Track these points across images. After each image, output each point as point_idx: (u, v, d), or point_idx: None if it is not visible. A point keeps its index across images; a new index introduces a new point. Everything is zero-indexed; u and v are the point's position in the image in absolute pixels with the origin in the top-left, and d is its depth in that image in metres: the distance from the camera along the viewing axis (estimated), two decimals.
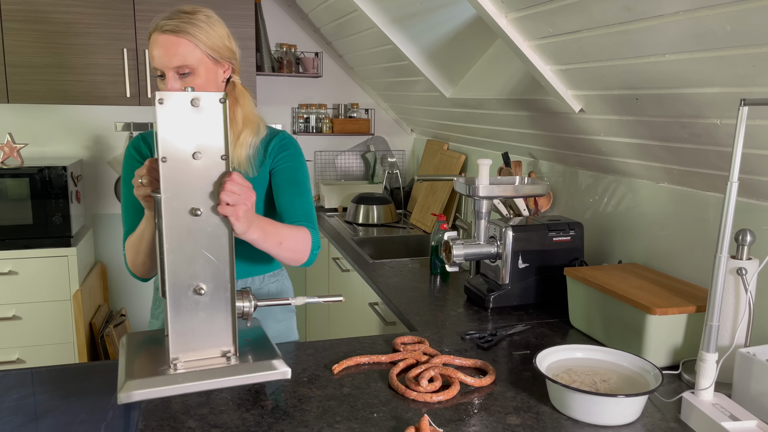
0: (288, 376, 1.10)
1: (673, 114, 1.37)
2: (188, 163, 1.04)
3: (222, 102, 1.05)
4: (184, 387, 1.03)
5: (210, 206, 1.07)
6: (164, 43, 1.31)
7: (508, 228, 1.74)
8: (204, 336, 1.09)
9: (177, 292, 1.06)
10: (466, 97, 2.32)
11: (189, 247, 1.06)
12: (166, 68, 1.31)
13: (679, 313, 1.33)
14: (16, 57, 2.63)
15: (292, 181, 1.47)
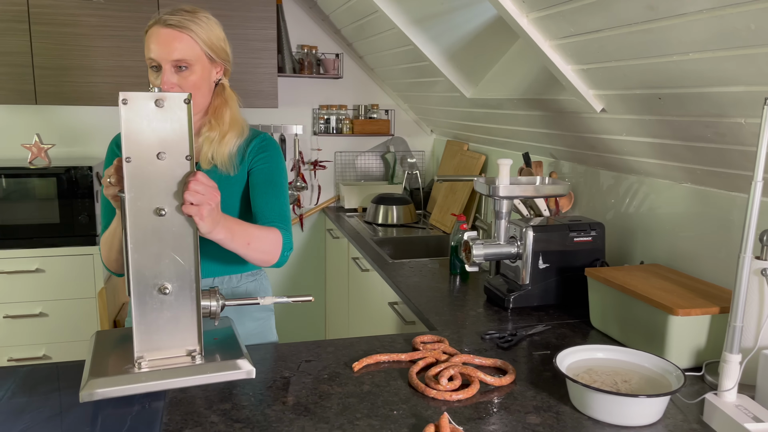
0: (252, 376, 1.11)
1: (697, 113, 1.36)
2: (153, 163, 1.05)
3: (186, 103, 1.06)
4: (146, 386, 1.04)
5: (175, 206, 1.08)
6: (166, 36, 1.35)
7: (528, 228, 1.74)
8: (169, 335, 1.10)
9: (142, 291, 1.07)
10: (486, 98, 2.32)
11: (154, 246, 1.07)
12: (164, 61, 1.35)
13: (702, 314, 1.32)
14: (44, 59, 2.69)
15: (269, 182, 1.48)
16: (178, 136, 1.06)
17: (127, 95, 1.03)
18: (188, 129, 1.06)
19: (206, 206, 1.09)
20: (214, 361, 1.11)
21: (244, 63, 2.93)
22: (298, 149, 3.44)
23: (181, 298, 1.09)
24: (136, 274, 1.06)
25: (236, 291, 1.56)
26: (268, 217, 1.45)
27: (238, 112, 1.48)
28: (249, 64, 2.94)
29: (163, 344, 1.10)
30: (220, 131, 1.44)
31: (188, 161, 1.07)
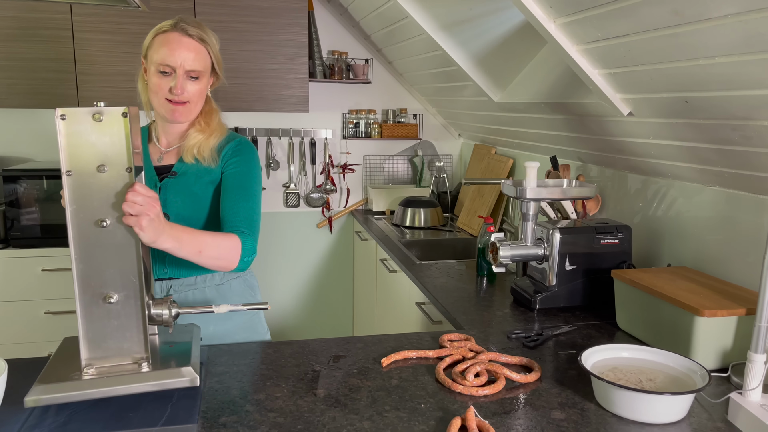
0: (196, 384, 1.13)
1: (724, 116, 1.37)
2: (93, 176, 1.09)
3: (124, 116, 1.09)
4: (89, 393, 1.08)
5: (116, 217, 1.11)
6: (187, 45, 1.42)
7: (555, 230, 1.76)
8: (117, 343, 1.13)
9: (88, 300, 1.11)
10: (514, 102, 2.35)
11: (97, 257, 1.11)
12: (179, 68, 1.42)
13: (728, 315, 1.33)
14: (86, 65, 2.80)
15: (239, 186, 1.50)
16: (118, 149, 1.10)
17: (66, 110, 1.07)
18: (127, 142, 1.10)
19: (144, 217, 1.11)
20: (159, 369, 1.14)
21: (276, 69, 3.01)
22: (328, 153, 3.50)
23: (127, 307, 1.13)
24: (81, 283, 1.11)
25: (220, 289, 1.59)
26: (233, 221, 1.45)
27: (221, 121, 1.58)
28: (281, 69, 3.01)
29: (110, 352, 1.14)
30: (209, 132, 1.53)
31: (129, 173, 1.11)
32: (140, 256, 1.13)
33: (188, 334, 1.30)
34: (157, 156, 1.56)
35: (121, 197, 1.11)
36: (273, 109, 3.05)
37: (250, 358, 1.38)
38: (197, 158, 1.51)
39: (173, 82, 1.43)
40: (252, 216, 1.48)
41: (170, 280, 1.55)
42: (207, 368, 1.33)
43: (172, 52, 1.41)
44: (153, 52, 1.43)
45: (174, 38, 1.42)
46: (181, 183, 1.52)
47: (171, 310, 1.20)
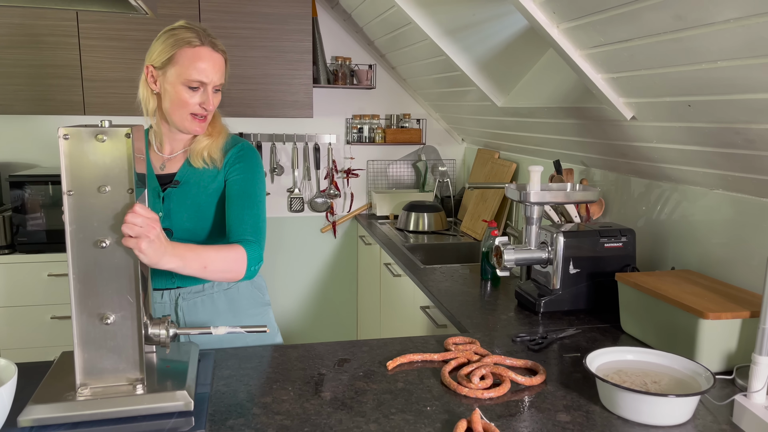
0: (190, 408, 1.12)
1: (727, 120, 1.38)
2: (94, 197, 1.09)
3: (128, 137, 1.09)
4: (82, 415, 1.08)
5: (116, 238, 1.11)
6: (218, 61, 1.43)
7: (559, 234, 1.77)
8: (113, 364, 1.13)
9: (84, 320, 1.11)
10: (517, 106, 2.36)
11: (95, 277, 1.11)
12: (211, 83, 1.42)
13: (732, 318, 1.33)
14: (92, 72, 2.83)
15: (243, 193, 1.49)
16: (120, 170, 1.10)
17: (69, 130, 1.07)
18: (129, 163, 1.10)
19: (144, 239, 1.11)
20: (155, 391, 1.13)
21: (281, 75, 3.03)
22: (332, 158, 3.51)
23: (124, 328, 1.13)
24: (78, 303, 1.11)
25: (228, 293, 1.59)
26: (239, 230, 1.44)
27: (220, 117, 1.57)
28: (285, 75, 3.03)
29: (105, 373, 1.13)
30: (215, 134, 1.53)
31: (130, 194, 1.11)
32: (138, 277, 1.13)
33: (186, 354, 1.30)
34: (159, 164, 1.53)
35: (120, 218, 1.10)
36: (277, 114, 3.06)
37: (256, 361, 1.39)
38: (206, 161, 1.50)
39: (202, 97, 1.42)
40: (257, 223, 1.47)
41: (178, 289, 1.55)
42: (214, 372, 1.34)
43: (206, 69, 1.40)
44: (181, 67, 1.39)
45: (206, 54, 1.40)
46: (184, 192, 1.50)
47: (168, 331, 1.20)
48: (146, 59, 1.46)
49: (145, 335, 1.19)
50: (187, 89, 1.41)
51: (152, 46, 1.44)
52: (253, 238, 1.44)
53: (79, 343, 1.12)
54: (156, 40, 1.44)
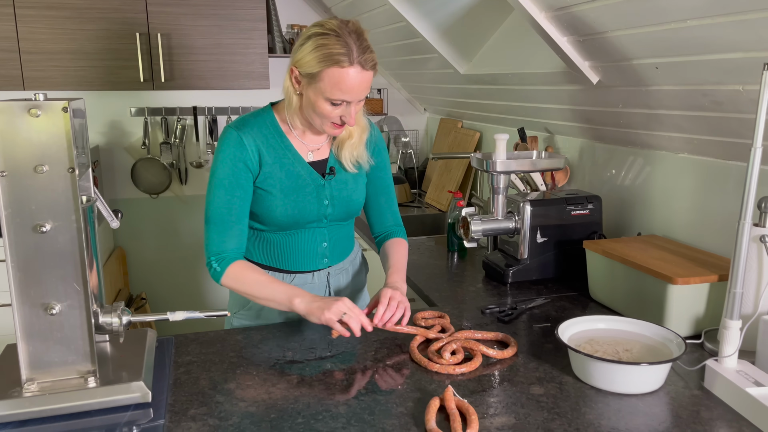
0: (148, 399, 1.06)
1: (694, 82, 1.35)
2: (31, 177, 1.00)
3: (65, 111, 1.00)
4: (29, 413, 1.01)
5: (58, 222, 1.02)
6: (365, 79, 1.29)
7: (526, 203, 1.74)
8: (61, 356, 1.05)
9: (27, 311, 1.03)
10: (480, 73, 2.30)
11: (37, 264, 1.02)
12: (355, 101, 1.31)
13: (700, 282, 1.33)
14: (30, 44, 2.65)
15: (383, 184, 1.56)
16: (58, 147, 1.00)
17: None
18: (68, 139, 1.00)
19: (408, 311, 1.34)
20: (109, 383, 1.07)
21: (234, 44, 2.90)
22: None
23: (71, 318, 1.05)
24: (19, 293, 1.02)
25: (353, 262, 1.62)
26: (385, 223, 1.58)
27: (362, 109, 1.45)
28: (239, 45, 2.90)
29: (54, 366, 1.06)
30: (358, 134, 1.45)
31: (71, 174, 1.01)
32: (85, 263, 1.04)
33: (142, 342, 1.23)
34: (306, 152, 1.45)
35: (62, 200, 1.01)
36: (232, 86, 2.94)
37: (218, 345, 1.33)
38: (355, 165, 1.48)
39: (345, 111, 1.32)
40: (395, 210, 1.60)
41: (328, 269, 1.54)
42: (174, 359, 1.27)
43: (352, 90, 1.28)
44: (325, 86, 1.28)
45: (353, 76, 1.27)
46: (341, 180, 1.48)
47: (122, 319, 1.13)
48: (292, 57, 1.33)
49: (96, 324, 1.11)
50: (330, 104, 1.31)
51: (301, 48, 1.30)
52: (399, 225, 1.60)
53: (22, 336, 1.04)
54: (305, 42, 1.29)
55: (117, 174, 3.25)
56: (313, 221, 1.45)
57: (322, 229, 1.49)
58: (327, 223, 1.48)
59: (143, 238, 3.37)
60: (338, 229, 1.52)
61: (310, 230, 1.47)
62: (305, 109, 1.36)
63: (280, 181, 1.40)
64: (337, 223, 1.51)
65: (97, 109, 3.13)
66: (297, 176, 1.42)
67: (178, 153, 3.26)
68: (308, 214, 1.44)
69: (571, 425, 1.01)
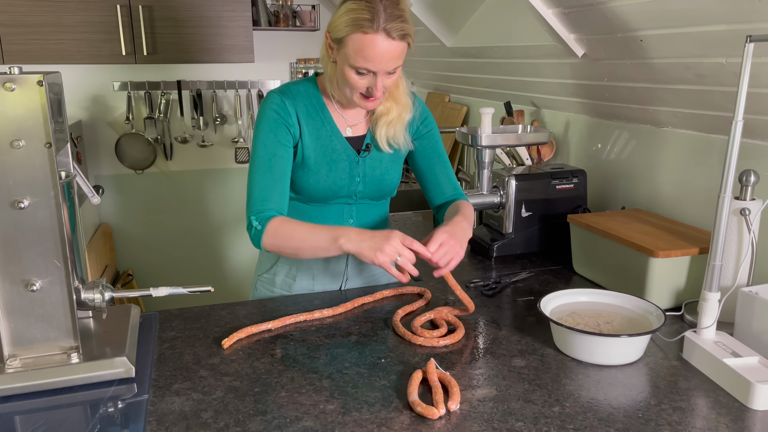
0: (132, 374, 1.07)
1: (678, 54, 1.35)
2: (7, 153, 0.99)
3: (40, 85, 0.98)
4: (12, 388, 1.02)
5: (36, 199, 1.01)
6: (391, 51, 1.23)
7: (511, 177, 1.74)
8: (43, 333, 1.06)
9: (8, 289, 1.03)
10: (467, 46, 2.29)
11: (16, 241, 1.02)
12: (380, 71, 1.25)
13: (681, 255, 1.34)
14: (8, 16, 2.59)
15: (436, 154, 1.49)
16: (34, 122, 0.99)
17: None
18: (44, 113, 0.99)
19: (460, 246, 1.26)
20: (92, 359, 1.07)
21: (218, 17, 2.85)
22: None
23: (52, 294, 1.05)
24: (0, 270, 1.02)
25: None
26: (445, 192, 1.50)
27: (406, 83, 1.41)
28: (223, 17, 2.86)
29: (36, 342, 1.06)
30: (397, 112, 1.39)
31: (48, 149, 1.00)
32: (65, 239, 1.04)
33: (126, 317, 1.23)
34: (345, 126, 1.42)
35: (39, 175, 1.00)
36: (216, 59, 2.90)
37: (202, 321, 1.33)
38: (391, 145, 1.42)
39: (370, 82, 1.27)
40: (454, 180, 1.53)
41: None
42: (158, 334, 1.27)
43: (375, 59, 1.23)
44: (349, 50, 1.24)
45: (377, 44, 1.21)
46: (376, 158, 1.44)
47: (104, 294, 1.12)
48: (329, 23, 1.29)
49: (78, 300, 1.11)
50: (355, 72, 1.26)
51: (335, 12, 1.27)
52: (457, 192, 1.52)
53: (3, 313, 1.04)
54: (340, 6, 1.25)
55: (101, 149, 3.21)
56: (343, 197, 1.43)
57: (351, 206, 1.46)
58: (356, 200, 1.46)
59: (129, 215, 3.35)
60: (368, 208, 1.49)
61: (338, 205, 1.45)
62: (338, 78, 1.32)
63: (315, 152, 1.38)
64: (368, 201, 1.48)
65: (79, 83, 3.08)
66: (332, 150, 1.39)
67: (162, 128, 3.23)
68: (338, 189, 1.41)
69: (551, 396, 1.03)
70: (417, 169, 1.51)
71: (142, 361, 1.15)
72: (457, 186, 1.52)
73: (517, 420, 0.96)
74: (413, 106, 1.43)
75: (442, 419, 0.96)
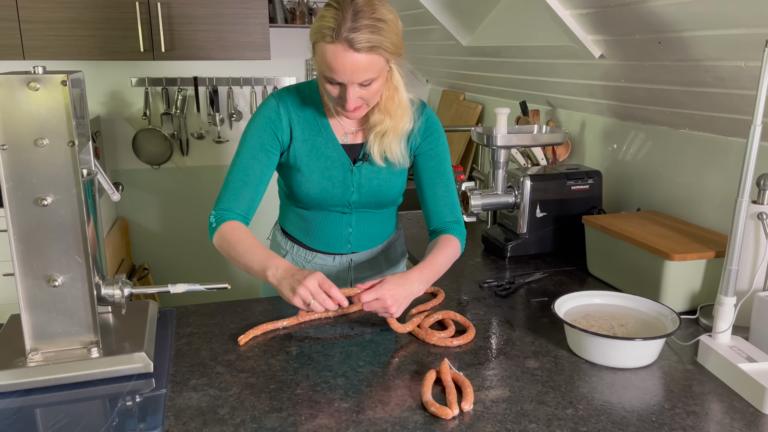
0: (150, 369, 1.09)
1: (697, 57, 1.34)
2: (31, 151, 1.00)
3: (64, 85, 0.99)
4: (33, 382, 1.04)
5: (59, 196, 1.03)
6: (352, 61, 1.15)
7: (526, 177, 1.74)
8: (64, 327, 1.08)
9: (30, 283, 1.05)
10: (483, 45, 2.28)
11: (39, 237, 1.04)
12: (349, 83, 1.19)
13: (697, 258, 1.34)
14: (30, 13, 2.62)
15: (437, 173, 1.41)
16: (57, 121, 1.00)
17: None
18: (67, 113, 1.00)
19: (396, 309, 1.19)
20: (111, 354, 1.09)
21: (234, 14, 2.87)
22: None
23: (74, 290, 1.07)
24: (22, 266, 1.04)
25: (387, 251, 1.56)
26: (439, 214, 1.42)
27: (406, 95, 1.32)
28: (239, 14, 2.87)
29: (57, 337, 1.08)
30: (391, 124, 1.31)
31: (71, 148, 1.02)
32: (86, 236, 1.06)
33: (144, 313, 1.25)
34: (342, 134, 1.38)
35: (62, 173, 1.02)
36: (233, 56, 2.92)
37: (218, 317, 1.35)
38: (386, 161, 1.36)
39: (342, 93, 1.22)
40: (454, 203, 1.43)
41: (351, 254, 1.51)
42: (176, 330, 1.29)
43: (337, 71, 1.17)
44: (317, 58, 1.20)
45: (338, 54, 1.14)
46: (373, 169, 1.39)
47: (123, 291, 1.14)
48: None
49: (98, 296, 1.13)
50: (327, 82, 1.22)
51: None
52: (455, 219, 1.42)
53: (25, 307, 1.06)
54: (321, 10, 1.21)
55: (118, 144, 3.25)
56: (338, 205, 1.41)
57: (349, 215, 1.44)
58: (353, 209, 1.43)
59: (145, 209, 3.38)
60: (368, 217, 1.46)
61: (335, 214, 1.44)
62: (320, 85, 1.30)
63: (308, 158, 1.36)
64: (367, 210, 1.45)
65: (98, 79, 3.11)
66: (326, 158, 1.37)
67: (179, 124, 3.25)
68: (332, 198, 1.39)
69: (564, 398, 1.03)
70: (417, 185, 1.44)
71: (160, 356, 1.16)
72: (456, 211, 1.43)
73: (530, 422, 0.97)
74: (414, 118, 1.36)
75: (455, 419, 0.97)
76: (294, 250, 1.51)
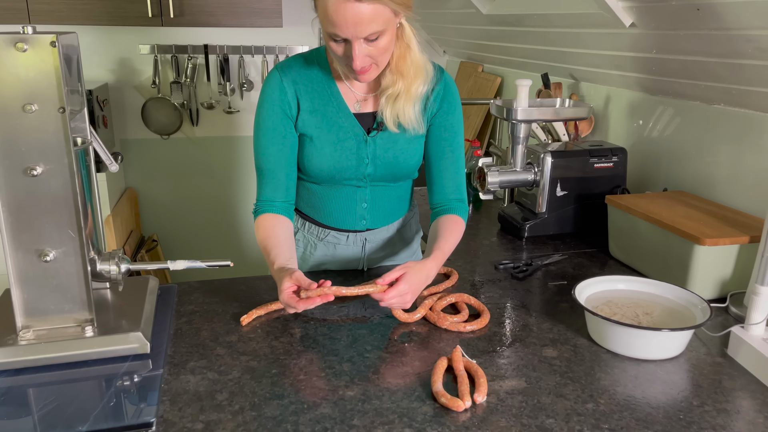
0: (146, 350, 1.04)
1: (738, 26, 1.24)
2: (19, 117, 0.93)
3: (53, 46, 0.92)
4: (24, 361, 0.99)
5: (50, 165, 0.97)
6: (357, 15, 1.07)
7: (546, 154, 1.65)
8: (57, 304, 1.02)
9: (20, 258, 0.99)
10: (504, 14, 2.17)
11: (29, 209, 0.97)
12: (354, 38, 1.10)
13: (730, 243, 1.25)
14: None
15: (447, 146, 1.33)
16: (47, 84, 0.93)
17: None
18: (57, 76, 0.93)
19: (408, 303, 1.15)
20: (107, 332, 1.04)
21: None
22: None
23: (67, 265, 1.01)
24: (12, 239, 0.98)
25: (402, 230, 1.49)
26: (444, 192, 1.36)
27: (419, 55, 1.23)
28: None
29: (49, 314, 1.03)
30: (403, 86, 1.23)
31: (61, 114, 0.95)
32: (79, 208, 0.99)
33: (143, 290, 1.19)
34: (353, 102, 1.30)
35: (53, 141, 0.95)
36: (244, 24, 2.82)
37: (222, 294, 1.29)
38: (400, 126, 1.28)
39: (347, 50, 1.13)
40: (461, 182, 1.37)
41: (366, 232, 1.43)
42: (176, 308, 1.23)
43: (340, 25, 1.08)
44: (320, 14, 1.12)
45: (339, 5, 1.07)
46: (388, 138, 1.30)
47: (120, 266, 1.09)
48: None
49: (93, 272, 1.07)
50: (331, 39, 1.14)
51: None
52: (459, 198, 1.37)
53: (16, 283, 1.01)
54: None
55: (127, 113, 3.18)
56: (351, 179, 1.33)
57: (363, 189, 1.35)
58: (368, 183, 1.35)
59: (155, 180, 3.33)
60: (384, 191, 1.38)
61: (348, 188, 1.35)
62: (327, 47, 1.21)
63: (317, 130, 1.28)
64: (383, 184, 1.37)
65: (107, 45, 3.04)
66: (337, 128, 1.28)
67: (189, 93, 3.18)
68: (345, 171, 1.31)
69: (584, 391, 0.97)
70: (425, 155, 1.36)
71: (158, 335, 1.11)
72: (461, 189, 1.37)
73: (547, 416, 0.90)
74: (429, 78, 1.27)
75: (467, 412, 0.91)
76: (305, 228, 1.43)
